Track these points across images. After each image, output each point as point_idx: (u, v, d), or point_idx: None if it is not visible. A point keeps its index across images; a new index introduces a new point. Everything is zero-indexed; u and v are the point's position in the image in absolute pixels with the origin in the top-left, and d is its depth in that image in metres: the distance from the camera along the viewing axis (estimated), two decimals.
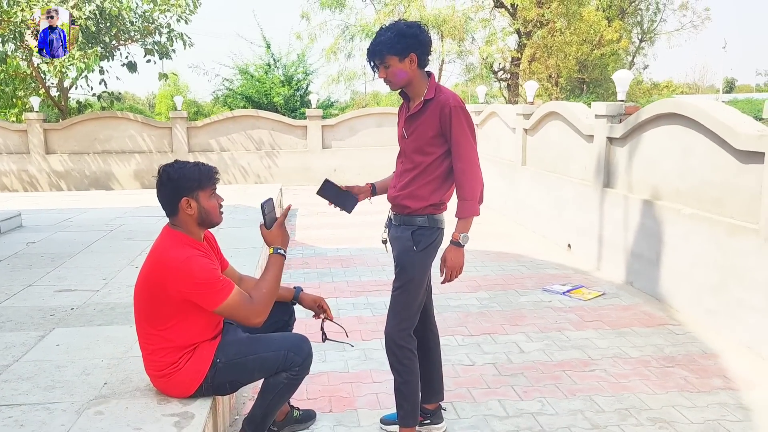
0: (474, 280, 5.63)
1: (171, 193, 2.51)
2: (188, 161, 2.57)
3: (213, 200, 2.60)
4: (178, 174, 2.50)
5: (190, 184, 2.51)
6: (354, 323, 4.55)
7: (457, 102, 2.68)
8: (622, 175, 5.62)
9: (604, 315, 4.68)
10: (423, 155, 2.76)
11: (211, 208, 2.58)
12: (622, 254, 5.51)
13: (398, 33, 2.65)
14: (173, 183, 2.50)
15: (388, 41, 2.66)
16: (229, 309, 2.44)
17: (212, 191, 2.60)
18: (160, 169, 2.53)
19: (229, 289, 2.44)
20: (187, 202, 2.50)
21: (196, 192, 2.52)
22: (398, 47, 2.65)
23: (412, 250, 2.78)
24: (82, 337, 3.29)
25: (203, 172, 2.55)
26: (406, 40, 2.65)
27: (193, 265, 2.41)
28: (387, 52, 2.67)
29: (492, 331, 4.40)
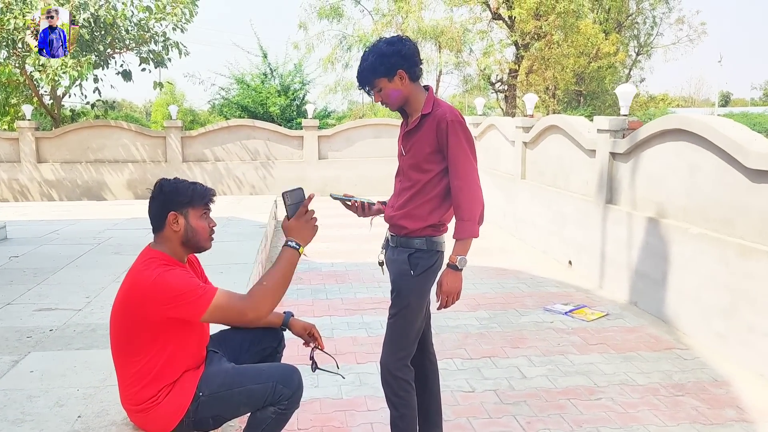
0: (473, 298, 5.45)
1: (160, 206, 2.35)
2: (188, 180, 2.42)
3: (203, 221, 2.42)
4: (171, 187, 2.36)
5: (180, 199, 2.35)
6: (348, 344, 4.37)
7: (454, 116, 2.52)
8: (626, 192, 5.46)
9: (609, 337, 4.51)
10: (420, 172, 2.59)
11: (199, 228, 2.40)
12: (626, 273, 5.34)
13: (378, 54, 2.52)
14: (164, 196, 2.35)
15: (370, 66, 2.54)
16: (219, 311, 2.24)
17: (204, 212, 2.42)
18: (155, 183, 2.40)
19: (213, 291, 2.25)
20: (174, 217, 2.33)
21: (186, 208, 2.36)
22: (382, 69, 2.52)
23: (408, 275, 2.61)
24: (58, 363, 3.09)
25: (197, 191, 2.39)
26: (389, 59, 2.51)
27: (168, 277, 2.23)
28: (373, 76, 2.55)
29: (492, 354, 4.22)
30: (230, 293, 2.28)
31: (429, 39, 20.89)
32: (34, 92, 12.99)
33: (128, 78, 12.88)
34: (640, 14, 27.51)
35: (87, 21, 11.06)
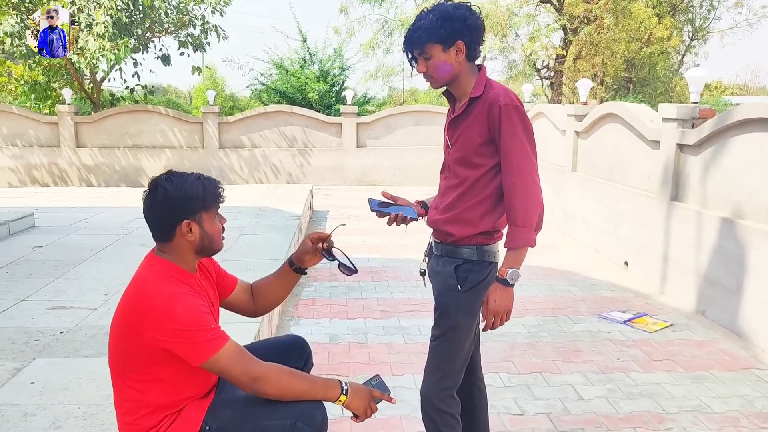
0: (520, 302, 4.97)
1: (168, 215, 1.98)
2: (189, 174, 2.03)
3: (217, 223, 2.07)
4: (178, 191, 1.96)
5: (193, 205, 1.97)
6: (383, 352, 3.99)
7: (509, 99, 2.08)
8: (695, 188, 4.92)
9: (676, 353, 4.02)
10: (470, 168, 2.17)
11: (214, 233, 2.05)
12: (693, 278, 4.81)
13: (442, 16, 2.08)
14: (172, 203, 1.96)
15: (429, 26, 2.08)
16: (220, 365, 1.89)
17: (216, 212, 2.07)
18: (152, 183, 2.00)
19: (222, 341, 1.90)
20: (188, 225, 1.97)
21: (200, 214, 1.99)
22: (442, 33, 2.08)
23: (456, 290, 2.20)
24: (63, 372, 2.80)
25: (208, 189, 2.01)
26: (452, 24, 2.08)
27: (176, 306, 1.87)
28: (428, 39, 2.10)
29: (543, 368, 3.78)
30: (241, 349, 1.93)
31: None
32: (75, 76, 12.95)
33: (167, 62, 12.71)
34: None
35: (125, 4, 10.87)
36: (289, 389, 1.98)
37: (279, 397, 1.97)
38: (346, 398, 2.02)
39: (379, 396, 2.10)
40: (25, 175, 12.00)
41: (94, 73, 13.08)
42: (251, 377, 1.92)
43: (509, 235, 2.12)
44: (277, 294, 2.41)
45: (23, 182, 11.98)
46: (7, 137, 12.01)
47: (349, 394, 2.03)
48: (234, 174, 12.09)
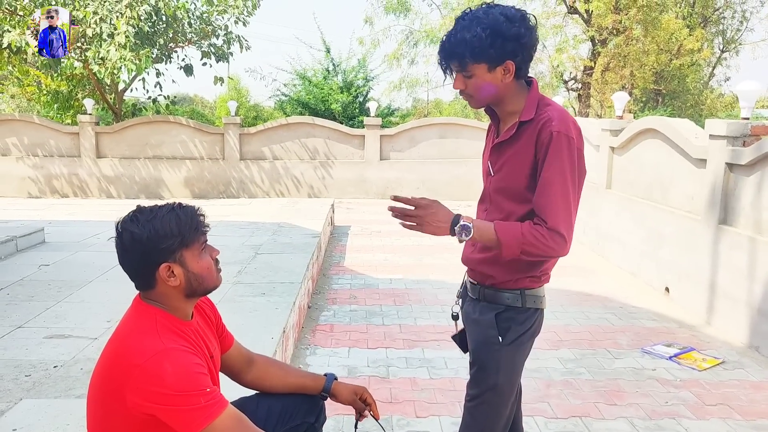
0: (554, 332, 4.63)
1: (142, 261, 1.67)
2: (159, 207, 1.71)
3: (205, 258, 1.75)
4: (147, 231, 1.64)
5: (168, 244, 1.66)
6: (407, 389, 3.65)
7: (564, 126, 1.76)
8: (747, 211, 4.52)
9: (731, 396, 3.62)
10: (516, 201, 1.85)
11: (203, 272, 1.73)
12: (744, 309, 4.41)
13: (494, 32, 1.74)
14: (142, 245, 1.65)
15: (477, 43, 1.75)
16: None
17: (202, 245, 1.75)
18: (118, 226, 1.69)
19: (219, 408, 1.59)
20: (168, 269, 1.66)
21: (179, 252, 1.68)
22: (491, 52, 1.75)
23: (496, 342, 1.87)
24: (50, 417, 2.52)
25: (184, 222, 1.69)
26: (504, 44, 1.75)
27: (164, 365, 1.56)
28: (472, 58, 1.77)
29: (584, 413, 3.41)
30: (242, 418, 1.62)
31: None
32: (97, 86, 12.88)
33: (190, 72, 12.61)
34: (728, 8, 25.57)
35: (148, 14, 10.77)
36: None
37: None
38: None
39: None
40: (45, 185, 11.91)
41: (115, 84, 12.99)
42: None
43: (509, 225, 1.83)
44: (281, 389, 2.08)
45: (43, 192, 11.89)
46: (28, 147, 11.94)
47: None
48: (255, 186, 11.87)
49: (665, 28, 20.24)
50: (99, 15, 10.43)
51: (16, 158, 11.91)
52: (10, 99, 19.36)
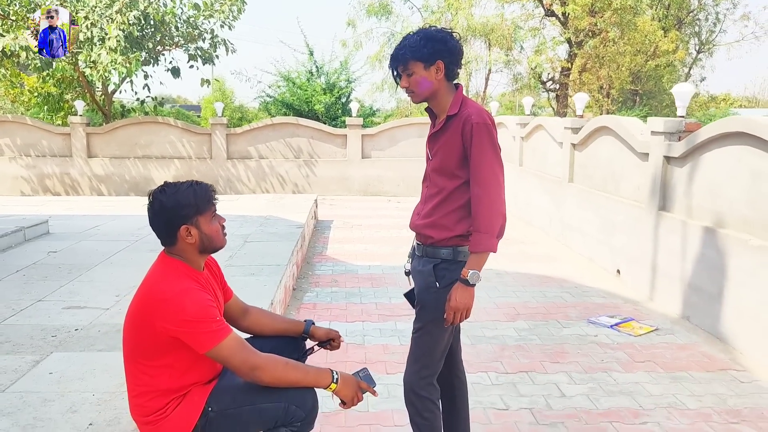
0: (513, 307, 5.21)
1: (167, 223, 2.22)
2: (181, 183, 2.27)
3: (214, 223, 2.30)
4: (172, 201, 2.20)
5: (187, 211, 2.21)
6: (379, 353, 4.20)
7: (481, 118, 2.31)
8: (681, 199, 5.12)
9: (658, 355, 4.21)
10: (447, 179, 2.40)
11: (213, 233, 2.29)
12: (679, 285, 5.00)
13: (425, 37, 2.34)
14: (168, 212, 2.21)
15: (413, 45, 2.34)
16: (223, 354, 2.12)
17: (212, 214, 2.30)
18: (150, 196, 2.25)
19: (225, 332, 2.13)
20: (186, 230, 2.21)
21: (195, 218, 2.23)
22: (424, 52, 2.33)
23: (434, 287, 2.42)
24: (78, 365, 3.03)
25: (200, 195, 2.25)
26: (434, 45, 2.33)
27: (186, 300, 2.11)
28: (411, 56, 2.35)
29: (530, 368, 3.98)
30: (242, 341, 2.16)
31: (479, 36, 20.60)
32: (86, 88, 13.29)
33: (177, 75, 13.02)
34: (702, 10, 26.38)
35: (137, 18, 11.21)
36: (283, 378, 2.20)
37: (274, 384, 2.20)
38: (336, 386, 2.24)
39: (365, 388, 2.31)
40: (38, 184, 12.32)
41: (105, 86, 13.41)
42: (250, 366, 2.15)
43: (473, 239, 2.34)
44: (270, 332, 2.61)
45: (35, 191, 12.30)
46: (21, 147, 12.35)
47: (339, 383, 2.25)
48: (241, 184, 12.36)
49: (640, 30, 20.90)
50: (90, 20, 10.87)
51: (9, 158, 12.31)
52: None
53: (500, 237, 2.39)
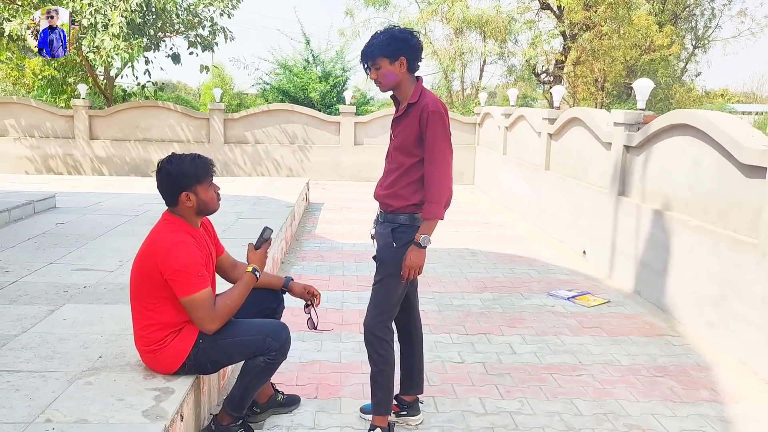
0: (482, 281, 5.69)
1: (171, 188, 2.70)
2: (186, 155, 2.74)
3: (210, 191, 2.78)
4: (176, 170, 2.68)
5: (188, 180, 2.69)
6: (355, 316, 4.68)
7: (435, 107, 2.78)
8: (637, 184, 5.59)
9: (605, 322, 4.70)
10: (406, 156, 2.87)
11: (209, 199, 2.76)
12: (633, 263, 5.49)
13: (390, 36, 2.79)
14: (172, 179, 2.68)
15: (380, 43, 2.79)
16: (192, 304, 2.60)
17: (209, 183, 2.77)
18: (159, 164, 2.72)
19: (203, 286, 2.60)
20: (186, 196, 2.69)
21: (194, 186, 2.70)
22: (389, 49, 2.78)
23: (391, 246, 2.90)
24: (88, 314, 3.50)
25: (200, 167, 2.72)
26: (397, 43, 2.78)
27: (180, 251, 2.58)
28: (378, 53, 2.80)
29: (488, 331, 4.47)
30: (209, 299, 2.64)
31: (474, 28, 20.95)
32: (89, 72, 13.69)
33: (177, 61, 13.41)
34: (698, 6, 26.67)
35: (139, 6, 11.59)
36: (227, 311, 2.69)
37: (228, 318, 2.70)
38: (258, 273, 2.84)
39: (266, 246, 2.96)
40: (42, 164, 12.76)
41: (108, 70, 13.82)
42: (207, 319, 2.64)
43: (424, 208, 2.82)
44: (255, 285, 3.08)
45: (39, 171, 12.74)
46: (26, 128, 12.77)
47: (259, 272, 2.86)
48: (237, 168, 12.82)
49: (635, 25, 21.23)
50: (94, 6, 11.26)
51: (14, 139, 12.74)
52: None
53: (447, 207, 2.86)
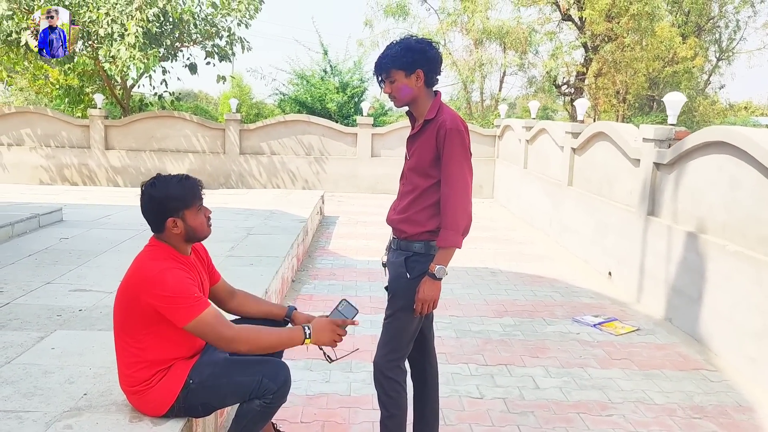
0: (502, 304, 5.39)
1: (156, 214, 2.44)
2: (172, 176, 2.48)
3: (200, 216, 2.51)
4: (162, 194, 2.42)
5: (175, 204, 2.43)
6: (368, 342, 4.39)
7: (454, 124, 2.50)
8: (668, 204, 5.26)
9: (635, 353, 4.37)
10: (422, 177, 2.60)
11: (198, 225, 2.50)
12: (663, 288, 5.15)
13: (405, 47, 2.53)
14: (157, 203, 2.42)
15: (394, 55, 2.53)
16: (199, 328, 2.33)
17: (199, 207, 2.51)
18: (142, 187, 2.46)
19: (203, 306, 2.34)
20: (173, 222, 2.43)
21: (182, 211, 2.44)
22: (404, 61, 2.52)
23: (405, 277, 2.62)
24: (79, 342, 3.27)
25: (187, 189, 2.46)
26: (413, 55, 2.52)
27: (167, 277, 2.33)
28: (392, 66, 2.54)
29: (510, 362, 4.16)
30: (219, 315, 2.36)
31: (494, 39, 20.71)
32: (106, 82, 13.64)
33: (194, 71, 13.32)
34: (722, 18, 26.19)
35: (156, 16, 11.51)
36: (258, 343, 2.41)
37: (252, 351, 2.41)
38: (311, 339, 2.45)
39: (342, 323, 2.51)
40: (56, 173, 12.68)
41: (124, 80, 13.75)
42: (226, 339, 2.36)
43: (440, 235, 2.53)
44: (254, 315, 2.80)
45: (54, 180, 12.66)
46: (42, 138, 12.71)
47: (313, 334, 2.46)
48: (253, 179, 12.63)
49: (658, 36, 20.85)
50: (111, 16, 11.19)
51: (30, 148, 12.69)
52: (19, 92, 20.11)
53: (465, 234, 2.58)
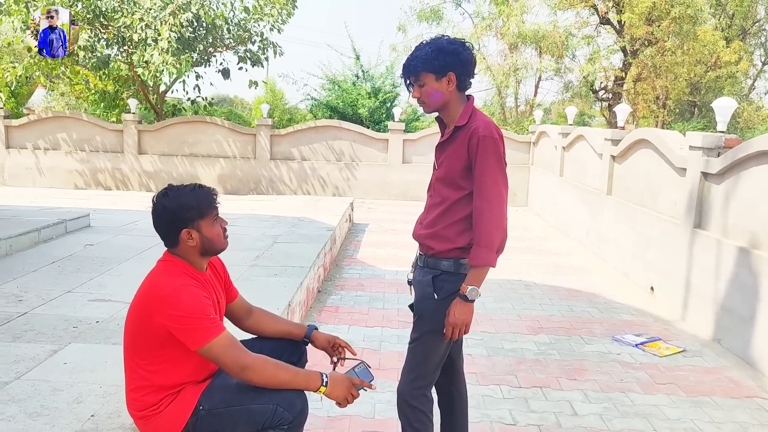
0: (536, 320, 5.12)
1: (169, 226, 2.28)
2: (184, 186, 2.32)
3: (216, 227, 2.35)
4: (175, 204, 2.26)
5: (189, 214, 2.26)
6: (394, 360, 4.19)
7: (488, 131, 2.28)
8: (717, 217, 4.93)
9: (681, 377, 4.06)
10: (451, 189, 2.39)
11: (214, 237, 2.33)
12: (711, 306, 4.82)
13: (437, 48, 2.31)
14: (170, 214, 2.26)
15: (425, 56, 2.32)
16: (213, 353, 2.15)
17: (214, 217, 2.34)
18: (154, 198, 2.31)
19: (218, 330, 2.17)
20: (188, 233, 2.26)
21: (197, 221, 2.28)
22: (435, 64, 2.31)
23: (432, 298, 2.41)
24: (92, 356, 3.14)
25: (202, 198, 2.30)
26: (445, 57, 2.31)
27: (182, 296, 2.16)
28: (422, 68, 2.33)
29: (545, 384, 3.90)
30: (234, 339, 2.20)
31: (529, 43, 20.34)
32: (140, 87, 13.74)
33: (227, 76, 13.32)
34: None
35: (189, 21, 11.52)
36: (273, 379, 2.22)
37: (264, 385, 2.22)
38: (326, 389, 2.25)
39: (360, 384, 2.31)
40: (90, 178, 12.79)
41: (157, 85, 13.83)
42: (240, 366, 2.18)
43: (472, 253, 2.31)
44: (271, 334, 2.63)
45: (88, 184, 12.77)
46: (76, 142, 12.85)
47: (329, 385, 2.25)
48: (283, 185, 12.55)
49: (701, 40, 20.21)
50: (145, 22, 11.23)
51: (65, 152, 12.82)
52: (60, 96, 20.51)
53: (500, 252, 2.35)
